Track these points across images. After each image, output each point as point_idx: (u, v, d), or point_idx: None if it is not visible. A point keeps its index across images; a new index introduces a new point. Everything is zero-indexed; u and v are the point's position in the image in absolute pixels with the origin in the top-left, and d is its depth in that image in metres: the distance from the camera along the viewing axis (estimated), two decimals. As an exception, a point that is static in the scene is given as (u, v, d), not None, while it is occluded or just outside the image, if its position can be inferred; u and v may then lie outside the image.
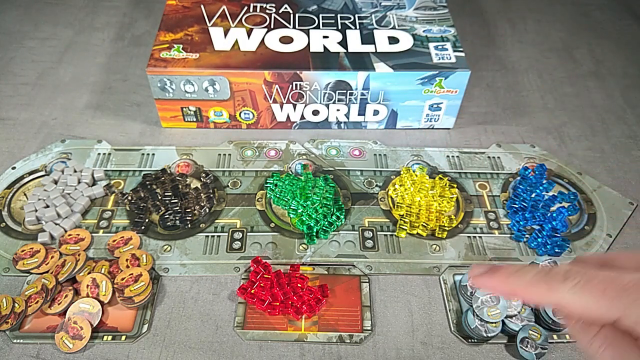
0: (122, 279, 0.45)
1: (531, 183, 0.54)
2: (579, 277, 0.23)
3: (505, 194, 0.54)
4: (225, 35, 0.59)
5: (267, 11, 0.63)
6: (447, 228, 0.50)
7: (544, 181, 0.55)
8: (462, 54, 0.58)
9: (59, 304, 0.43)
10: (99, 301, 0.44)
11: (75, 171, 0.54)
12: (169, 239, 0.50)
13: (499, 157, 0.58)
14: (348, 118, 0.60)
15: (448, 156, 0.58)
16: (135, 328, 0.43)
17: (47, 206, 0.50)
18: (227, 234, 0.50)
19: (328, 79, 0.56)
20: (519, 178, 0.56)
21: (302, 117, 0.60)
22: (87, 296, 0.44)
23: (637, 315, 0.22)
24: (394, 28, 0.61)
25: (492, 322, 0.42)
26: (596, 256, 0.26)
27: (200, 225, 0.51)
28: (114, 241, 0.49)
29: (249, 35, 0.59)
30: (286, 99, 0.58)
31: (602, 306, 0.22)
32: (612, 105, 0.66)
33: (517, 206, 0.52)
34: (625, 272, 0.23)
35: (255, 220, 0.51)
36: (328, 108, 0.59)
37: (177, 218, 0.50)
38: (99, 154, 0.57)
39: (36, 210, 0.50)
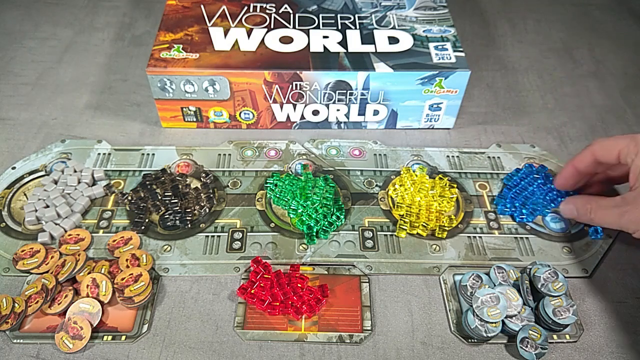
0: (122, 279, 0.45)
1: (523, 176, 0.55)
2: None
3: (505, 194, 0.55)
4: (225, 35, 0.59)
5: (267, 11, 0.63)
6: (447, 228, 0.50)
7: (537, 175, 0.55)
8: (462, 54, 0.58)
9: (59, 304, 0.43)
10: (99, 301, 0.44)
11: (75, 171, 0.54)
12: (169, 239, 0.50)
13: (499, 157, 0.58)
14: (348, 118, 0.60)
15: (448, 156, 0.58)
16: (135, 328, 0.43)
17: (47, 206, 0.51)
18: (227, 234, 0.50)
19: (328, 79, 0.56)
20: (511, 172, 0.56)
21: (302, 117, 0.60)
22: (87, 296, 0.44)
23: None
24: (394, 28, 0.61)
25: (492, 322, 0.42)
26: None
27: (200, 225, 0.51)
28: (114, 241, 0.49)
29: (249, 35, 0.59)
30: (286, 99, 0.58)
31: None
32: (612, 105, 0.66)
33: (507, 198, 0.53)
34: None
35: (255, 220, 0.51)
36: (328, 108, 0.59)
37: (177, 218, 0.50)
38: (99, 154, 0.57)
39: (36, 210, 0.50)
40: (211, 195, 0.53)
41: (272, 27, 0.61)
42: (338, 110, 0.59)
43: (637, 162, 0.42)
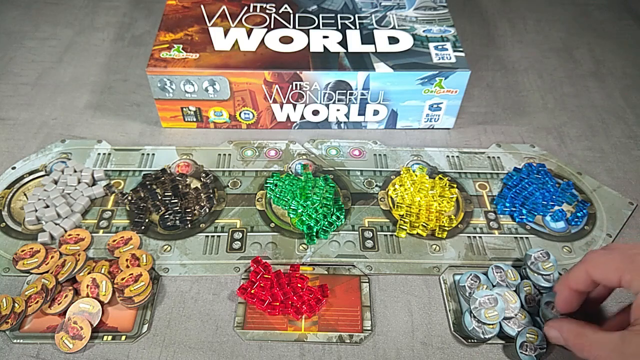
0: (122, 279, 0.45)
1: (523, 176, 0.55)
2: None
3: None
4: (225, 35, 0.59)
5: (267, 11, 0.63)
6: (447, 228, 0.50)
7: (537, 175, 0.55)
8: (462, 54, 0.58)
9: (59, 304, 0.43)
10: (99, 301, 0.44)
11: (75, 171, 0.54)
12: (169, 239, 0.50)
13: (498, 157, 0.58)
14: (348, 118, 0.60)
15: (448, 156, 0.58)
16: (135, 328, 0.43)
17: (47, 206, 0.51)
18: (227, 234, 0.50)
19: (328, 79, 0.56)
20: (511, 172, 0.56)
21: (302, 117, 0.60)
22: (87, 296, 0.44)
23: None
24: (394, 28, 0.61)
25: (489, 324, 0.42)
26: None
27: (200, 225, 0.51)
28: (114, 241, 0.49)
29: (249, 35, 0.59)
30: (286, 99, 0.58)
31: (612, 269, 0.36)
32: (612, 105, 0.66)
33: (507, 198, 0.53)
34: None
35: (255, 220, 0.51)
36: (328, 108, 0.59)
37: (177, 218, 0.50)
38: (99, 154, 0.57)
39: (36, 210, 0.50)
40: (211, 195, 0.53)
41: (272, 27, 0.61)
42: (338, 110, 0.59)
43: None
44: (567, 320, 0.40)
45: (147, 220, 0.50)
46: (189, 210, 0.51)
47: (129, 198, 0.52)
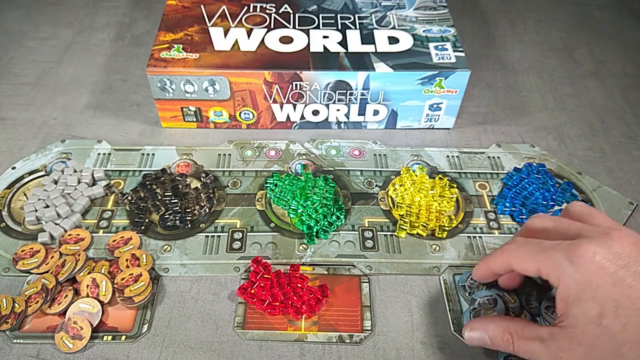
0: (122, 279, 0.45)
1: (523, 176, 0.55)
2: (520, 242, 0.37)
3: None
4: (225, 35, 0.59)
5: (267, 11, 0.63)
6: (447, 228, 0.50)
7: (537, 175, 0.55)
8: (462, 54, 0.58)
9: (59, 304, 0.43)
10: (99, 301, 0.44)
11: (75, 171, 0.54)
12: (169, 239, 0.50)
13: (498, 157, 0.58)
14: (348, 118, 0.60)
15: (448, 156, 0.58)
16: (135, 328, 0.43)
17: (47, 206, 0.51)
18: (227, 234, 0.50)
19: (328, 79, 0.56)
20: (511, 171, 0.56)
21: (302, 117, 0.60)
22: (87, 296, 0.44)
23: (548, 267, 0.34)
24: (394, 28, 0.61)
25: None
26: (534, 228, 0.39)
27: (200, 225, 0.51)
28: (114, 241, 0.49)
29: (249, 35, 0.59)
30: (286, 99, 0.58)
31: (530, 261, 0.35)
32: (612, 105, 0.66)
33: (507, 198, 0.53)
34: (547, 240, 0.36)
35: (255, 220, 0.51)
36: (328, 108, 0.59)
37: (177, 218, 0.50)
38: (99, 154, 0.57)
39: (36, 210, 0.50)
40: (211, 195, 0.53)
41: (272, 27, 0.61)
42: (338, 110, 0.59)
43: (562, 292, 0.34)
44: (491, 318, 0.39)
45: (147, 220, 0.50)
46: (189, 210, 0.51)
47: (129, 198, 0.52)
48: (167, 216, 0.51)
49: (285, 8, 0.64)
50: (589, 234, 0.34)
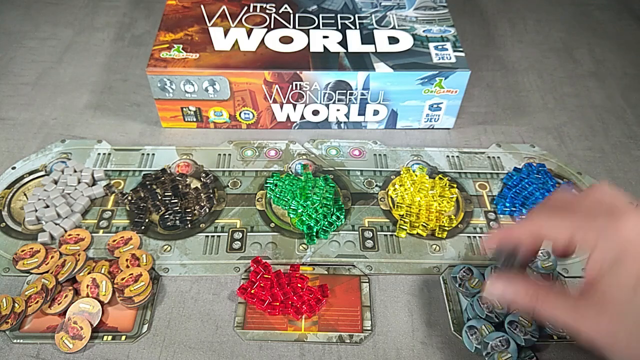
0: (122, 279, 0.45)
1: (523, 176, 0.55)
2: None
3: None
4: (225, 35, 0.59)
5: (267, 11, 0.63)
6: (447, 228, 0.50)
7: (537, 175, 0.55)
8: (462, 54, 0.58)
9: (59, 304, 0.43)
10: (99, 301, 0.44)
11: (75, 171, 0.54)
12: (169, 239, 0.50)
13: (498, 157, 0.58)
14: (348, 118, 0.60)
15: (448, 156, 0.58)
16: (135, 328, 0.43)
17: (47, 206, 0.50)
18: (227, 234, 0.50)
19: (328, 79, 0.56)
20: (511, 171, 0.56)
21: (302, 117, 0.60)
22: (87, 296, 0.44)
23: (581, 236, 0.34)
24: (394, 28, 0.61)
25: None
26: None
27: (200, 225, 0.51)
28: (114, 241, 0.49)
29: (249, 35, 0.59)
30: (286, 99, 0.58)
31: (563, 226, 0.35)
32: (612, 105, 0.66)
33: (507, 198, 0.53)
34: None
35: (255, 220, 0.51)
36: (328, 108, 0.59)
37: (177, 218, 0.50)
38: (99, 154, 0.57)
39: (36, 210, 0.50)
40: (211, 195, 0.53)
41: (272, 27, 0.61)
42: (338, 110, 0.59)
43: (597, 256, 0.33)
44: (517, 275, 0.38)
45: (147, 220, 0.50)
46: (189, 210, 0.51)
47: (129, 198, 0.52)
48: (167, 216, 0.51)
49: (285, 8, 0.64)
50: (626, 208, 0.34)
